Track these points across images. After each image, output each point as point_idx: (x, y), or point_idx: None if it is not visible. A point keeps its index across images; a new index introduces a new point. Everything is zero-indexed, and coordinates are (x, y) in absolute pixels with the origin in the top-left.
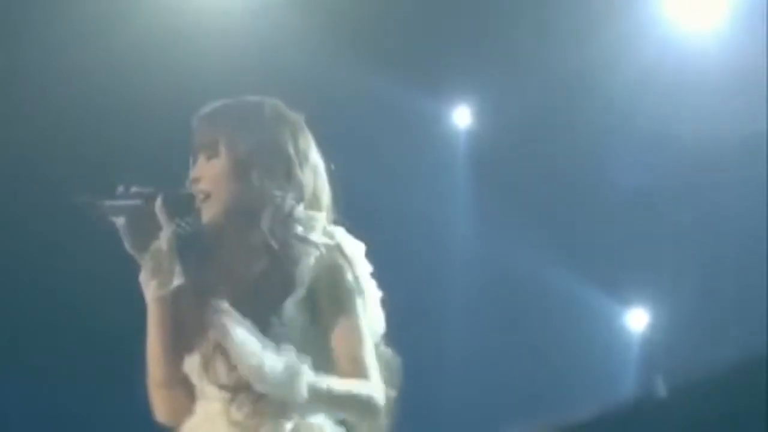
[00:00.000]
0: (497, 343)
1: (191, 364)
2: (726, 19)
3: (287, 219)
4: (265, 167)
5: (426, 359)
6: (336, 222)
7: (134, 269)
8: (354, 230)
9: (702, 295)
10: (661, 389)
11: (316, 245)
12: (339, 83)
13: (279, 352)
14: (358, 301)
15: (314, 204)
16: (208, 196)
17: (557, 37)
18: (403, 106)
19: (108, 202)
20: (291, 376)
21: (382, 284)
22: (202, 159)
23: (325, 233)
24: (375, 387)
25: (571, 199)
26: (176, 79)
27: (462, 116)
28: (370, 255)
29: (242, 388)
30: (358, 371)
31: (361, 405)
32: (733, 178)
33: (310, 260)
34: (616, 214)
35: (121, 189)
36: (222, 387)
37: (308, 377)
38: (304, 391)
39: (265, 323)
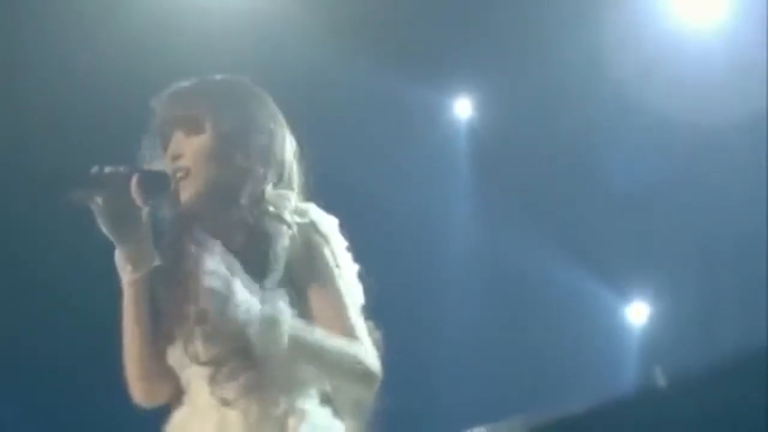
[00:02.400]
0: (497, 335)
1: (174, 354)
2: (727, 12)
3: (260, 197)
4: (248, 145)
5: (425, 351)
6: (309, 201)
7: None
8: (354, 221)
9: (703, 288)
10: (661, 380)
11: (288, 223)
12: (340, 75)
13: (259, 294)
14: (337, 274)
15: (287, 185)
16: (188, 173)
17: (558, 29)
18: (404, 97)
19: (84, 184)
20: (270, 321)
21: (380, 276)
22: (179, 135)
23: (297, 211)
24: (366, 349)
25: (572, 191)
26: (175, 75)
27: (463, 108)
28: (366, 242)
29: (224, 362)
30: (348, 335)
31: (352, 364)
32: (733, 171)
33: (284, 240)
34: (617, 207)
35: (95, 170)
36: (203, 363)
37: (290, 324)
38: (284, 340)
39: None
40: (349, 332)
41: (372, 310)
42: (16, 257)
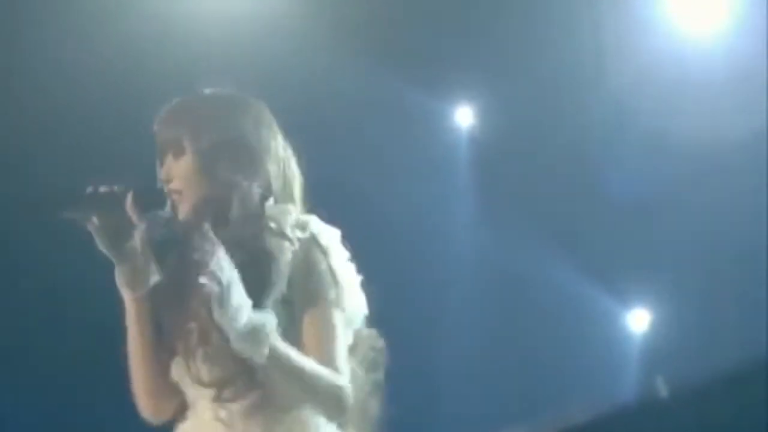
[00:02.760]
0: (497, 343)
1: (177, 370)
2: (727, 19)
3: (258, 213)
4: (230, 159)
5: (425, 357)
6: (311, 211)
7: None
8: (355, 229)
9: (704, 295)
10: (663, 390)
11: (290, 239)
12: (341, 82)
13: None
14: (331, 293)
15: (286, 197)
16: (180, 193)
17: (560, 38)
18: (405, 105)
19: (78, 205)
20: (255, 327)
21: (380, 283)
22: (169, 158)
23: (298, 225)
24: (342, 380)
25: (573, 199)
26: (175, 81)
27: (464, 116)
28: (367, 250)
29: (227, 384)
30: (326, 364)
31: (325, 389)
32: (735, 177)
33: (287, 256)
34: (618, 215)
35: (90, 189)
36: (206, 386)
37: (273, 337)
38: (264, 350)
39: None
40: (328, 361)
41: (373, 319)
42: (20, 262)
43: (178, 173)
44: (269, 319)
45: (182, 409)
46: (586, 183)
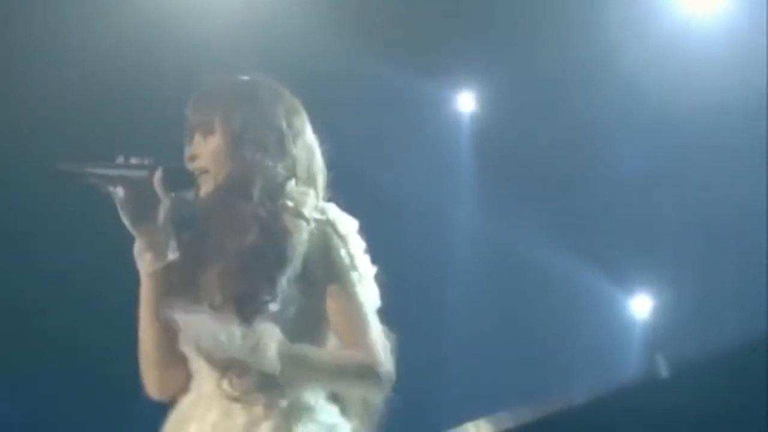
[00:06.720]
0: (500, 329)
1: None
2: (728, 2)
3: (278, 191)
4: (259, 142)
5: (426, 342)
6: (330, 201)
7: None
8: (356, 215)
9: (706, 281)
10: (663, 370)
11: (306, 218)
12: (342, 68)
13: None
14: (354, 275)
15: (308, 182)
16: (205, 172)
17: (562, 23)
18: (407, 90)
19: (108, 171)
20: (254, 342)
21: (384, 269)
22: (198, 137)
23: (317, 209)
24: (374, 357)
25: (575, 184)
26: (179, 67)
27: (466, 101)
28: (371, 235)
29: (232, 365)
30: (360, 342)
31: (356, 375)
32: (735, 163)
33: (302, 235)
34: (620, 200)
35: (120, 159)
36: (213, 364)
37: (277, 343)
38: (273, 355)
39: (258, 300)
40: (360, 336)
41: (379, 309)
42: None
43: (205, 152)
44: (266, 331)
45: (187, 386)
46: (588, 170)
